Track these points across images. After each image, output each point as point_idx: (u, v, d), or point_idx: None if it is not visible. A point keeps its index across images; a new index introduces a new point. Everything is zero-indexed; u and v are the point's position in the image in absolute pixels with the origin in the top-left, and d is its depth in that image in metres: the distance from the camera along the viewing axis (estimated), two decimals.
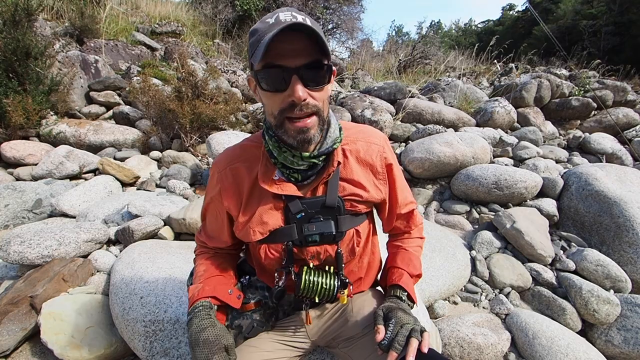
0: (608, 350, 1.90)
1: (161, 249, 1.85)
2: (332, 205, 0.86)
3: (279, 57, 0.68)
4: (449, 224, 2.80)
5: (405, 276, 0.95)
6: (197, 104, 3.66)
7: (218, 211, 0.96)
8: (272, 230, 0.87)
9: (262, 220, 0.86)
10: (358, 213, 0.91)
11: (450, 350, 1.69)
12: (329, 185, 0.86)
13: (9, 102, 3.25)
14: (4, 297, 1.56)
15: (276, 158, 0.83)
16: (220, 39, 7.74)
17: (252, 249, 0.97)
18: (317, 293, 0.87)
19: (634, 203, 2.39)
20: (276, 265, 0.91)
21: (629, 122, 4.68)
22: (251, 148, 0.91)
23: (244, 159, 0.90)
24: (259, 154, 0.88)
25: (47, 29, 4.76)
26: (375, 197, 0.91)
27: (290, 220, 0.86)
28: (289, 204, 0.85)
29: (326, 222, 0.85)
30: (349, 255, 0.93)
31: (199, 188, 3.01)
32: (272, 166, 0.86)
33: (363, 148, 0.91)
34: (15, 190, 2.52)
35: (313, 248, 0.89)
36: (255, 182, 0.87)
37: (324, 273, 0.89)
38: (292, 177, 0.85)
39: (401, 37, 19.23)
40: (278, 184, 0.84)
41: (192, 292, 0.90)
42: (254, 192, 0.88)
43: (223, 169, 0.91)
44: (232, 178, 0.89)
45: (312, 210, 0.86)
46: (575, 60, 7.05)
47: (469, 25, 32.96)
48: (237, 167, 0.89)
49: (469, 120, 4.24)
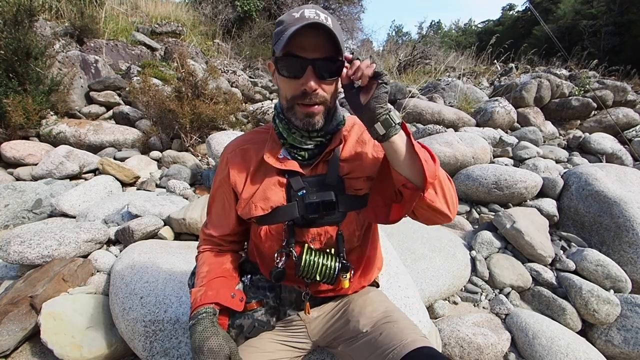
0: (608, 350, 1.90)
1: (161, 249, 1.85)
2: (332, 182, 0.90)
3: (298, 49, 0.76)
4: (449, 224, 2.80)
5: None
6: (197, 104, 3.67)
7: (226, 194, 0.98)
8: (273, 207, 0.89)
9: (265, 195, 0.90)
10: (357, 195, 0.92)
11: (450, 350, 1.69)
12: (330, 164, 0.91)
13: (9, 102, 3.25)
14: (4, 297, 1.56)
15: (285, 139, 0.90)
16: (220, 39, 7.75)
17: (254, 232, 0.98)
18: (318, 272, 0.87)
19: (634, 203, 2.39)
20: (276, 247, 0.91)
21: (629, 122, 4.68)
22: (260, 132, 1.00)
23: (254, 142, 0.98)
24: (267, 137, 0.96)
25: (47, 29, 4.76)
26: (373, 167, 0.91)
27: (292, 198, 0.89)
28: (290, 179, 0.90)
29: (327, 193, 0.87)
30: (350, 240, 0.94)
31: (199, 188, 3.01)
32: (278, 146, 0.93)
33: (360, 130, 0.98)
34: (15, 190, 2.52)
35: (314, 229, 0.91)
36: (262, 161, 0.93)
37: (325, 254, 0.89)
38: (299, 156, 0.91)
39: (401, 37, 19.24)
40: (282, 160, 0.91)
41: (194, 295, 0.90)
42: (259, 169, 0.94)
43: (233, 150, 0.98)
44: (241, 157, 0.96)
45: (313, 188, 0.90)
46: (575, 60, 7.05)
47: (468, 25, 32.97)
48: (247, 148, 0.97)
49: (469, 120, 4.24)
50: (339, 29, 0.79)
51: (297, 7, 0.81)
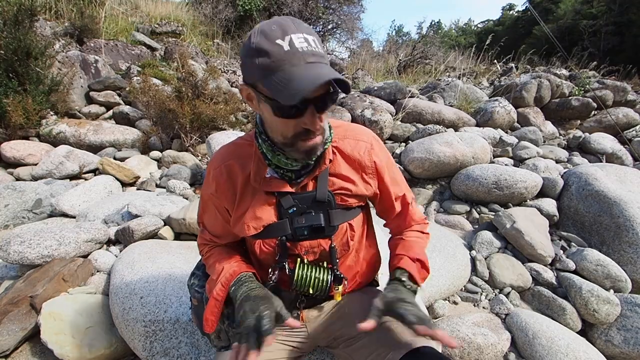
0: (608, 350, 1.90)
1: (161, 249, 1.85)
2: (323, 199, 0.88)
3: None
4: (449, 224, 2.80)
5: (405, 259, 0.94)
6: (197, 104, 3.67)
7: (216, 208, 0.97)
8: (265, 225, 0.89)
9: (255, 215, 0.89)
10: (349, 207, 0.93)
11: (450, 350, 1.69)
12: (319, 180, 0.89)
13: (9, 102, 3.25)
14: (4, 297, 1.56)
15: (270, 160, 0.86)
16: (220, 39, 7.75)
17: (248, 244, 0.99)
18: (311, 286, 0.88)
19: (634, 203, 2.39)
20: (271, 260, 0.92)
21: (629, 122, 4.67)
22: (244, 146, 0.93)
23: (237, 156, 0.92)
24: (252, 152, 0.90)
25: (47, 29, 4.76)
26: (364, 191, 0.93)
27: (282, 215, 0.89)
28: (280, 199, 0.88)
29: (316, 216, 0.88)
30: (343, 250, 0.94)
31: (199, 188, 3.01)
32: (264, 165, 0.89)
33: (351, 145, 0.93)
34: (15, 190, 2.52)
35: (306, 242, 0.90)
36: (248, 179, 0.89)
37: (318, 268, 0.90)
38: (286, 176, 0.88)
39: (401, 37, 19.21)
40: (269, 181, 0.88)
41: (228, 269, 0.91)
42: (247, 189, 0.90)
43: (217, 167, 0.93)
44: (227, 175, 0.91)
45: (303, 205, 0.88)
46: (575, 60, 7.04)
47: (468, 25, 32.96)
48: (231, 164, 0.91)
49: (469, 120, 4.24)
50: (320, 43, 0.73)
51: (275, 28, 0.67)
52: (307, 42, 0.68)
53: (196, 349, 1.32)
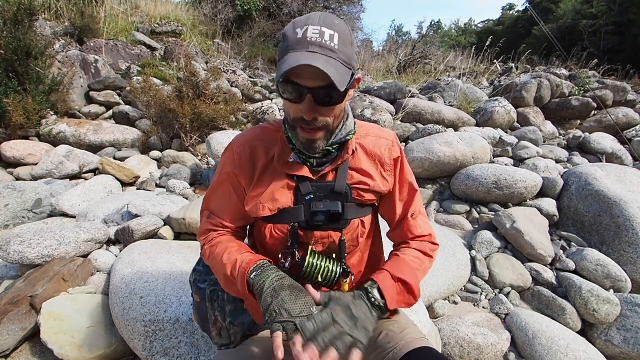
0: (608, 350, 1.90)
1: (161, 248, 1.85)
2: (341, 191, 0.90)
3: (297, 76, 0.73)
4: (449, 224, 2.80)
5: (385, 275, 0.86)
6: (198, 104, 3.67)
7: (232, 187, 0.95)
8: (281, 208, 0.89)
9: (273, 197, 0.89)
10: (364, 204, 0.94)
11: (450, 350, 1.69)
12: (339, 172, 0.91)
13: (9, 102, 3.25)
14: (4, 297, 1.56)
15: (294, 145, 0.88)
16: (220, 39, 7.75)
17: (258, 229, 0.99)
18: (320, 274, 0.88)
19: (634, 203, 2.39)
20: (280, 247, 0.92)
21: (629, 122, 4.67)
22: (271, 131, 0.96)
23: (262, 139, 0.95)
24: (278, 138, 0.93)
25: (47, 29, 4.76)
26: (381, 187, 0.94)
27: (299, 202, 0.89)
28: (299, 184, 0.89)
29: (334, 202, 0.89)
30: (353, 245, 0.95)
31: (198, 188, 3.01)
32: (288, 149, 0.91)
33: (372, 142, 0.96)
34: (15, 190, 2.52)
35: (318, 233, 0.91)
36: (271, 162, 0.92)
37: (328, 259, 0.90)
38: (308, 162, 0.90)
39: (401, 37, 19.21)
40: (291, 165, 0.90)
41: (243, 258, 0.85)
42: (268, 169, 0.92)
43: (242, 145, 0.95)
44: (250, 154, 0.93)
45: (321, 193, 0.90)
46: (575, 60, 7.04)
47: (468, 25, 32.97)
48: (256, 145, 0.94)
49: (469, 120, 4.24)
50: (348, 40, 0.74)
51: (304, 19, 0.74)
52: (322, 35, 0.72)
53: (196, 349, 1.32)
